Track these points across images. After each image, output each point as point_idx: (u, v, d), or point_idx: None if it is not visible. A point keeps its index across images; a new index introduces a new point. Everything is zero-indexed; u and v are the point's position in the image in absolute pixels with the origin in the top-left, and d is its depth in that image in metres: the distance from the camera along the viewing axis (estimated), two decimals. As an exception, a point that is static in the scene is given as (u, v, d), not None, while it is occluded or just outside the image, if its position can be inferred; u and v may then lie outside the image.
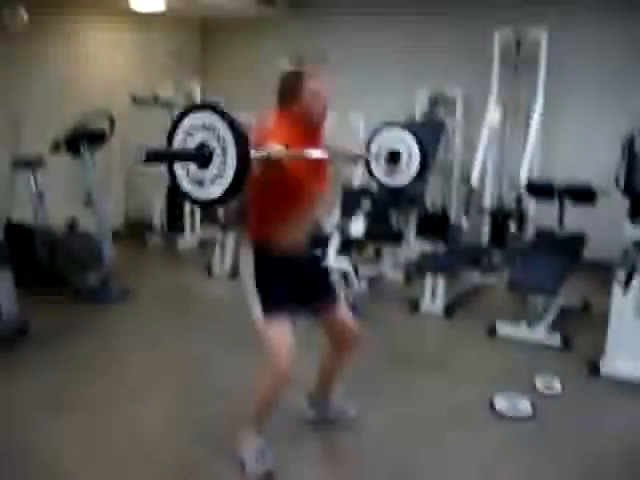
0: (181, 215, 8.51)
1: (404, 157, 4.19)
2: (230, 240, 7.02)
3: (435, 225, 7.95)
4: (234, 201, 2.98)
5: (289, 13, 9.30)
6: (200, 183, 2.81)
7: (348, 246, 5.82)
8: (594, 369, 4.63)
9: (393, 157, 4.18)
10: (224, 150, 2.73)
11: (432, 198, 8.22)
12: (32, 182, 6.59)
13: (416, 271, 6.56)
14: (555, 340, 5.19)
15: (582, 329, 5.56)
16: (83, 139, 6.20)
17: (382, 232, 6.44)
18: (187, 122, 2.86)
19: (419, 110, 8.22)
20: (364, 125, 8.07)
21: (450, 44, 8.27)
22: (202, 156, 2.77)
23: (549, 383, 4.46)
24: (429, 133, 7.69)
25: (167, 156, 2.93)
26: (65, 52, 8.34)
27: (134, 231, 8.84)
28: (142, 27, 9.22)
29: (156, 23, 9.33)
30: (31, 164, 6.57)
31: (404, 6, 8.52)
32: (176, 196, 8.46)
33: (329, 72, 3.30)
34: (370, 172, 4.04)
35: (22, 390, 4.31)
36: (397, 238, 6.74)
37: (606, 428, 4.03)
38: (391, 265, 7.16)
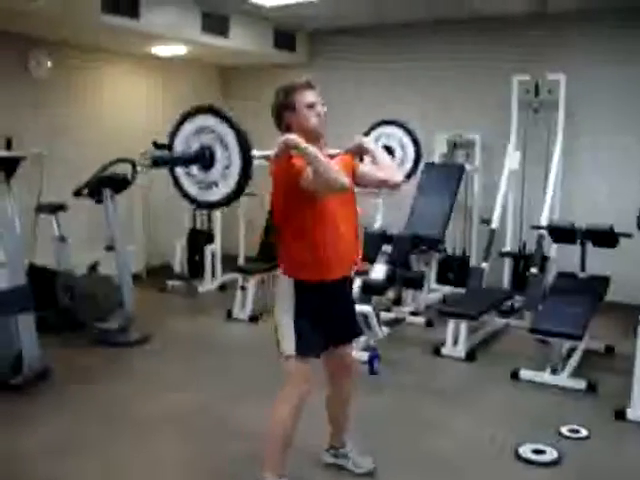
0: (201, 259, 8.54)
1: (398, 153, 4.24)
2: (251, 284, 7.02)
3: (456, 269, 7.95)
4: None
5: (308, 59, 9.43)
6: (205, 185, 2.84)
7: (369, 290, 5.80)
8: (620, 414, 4.56)
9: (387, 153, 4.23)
10: (228, 152, 2.75)
11: (452, 242, 8.21)
12: (55, 227, 6.67)
13: (438, 316, 6.52)
14: (579, 385, 5.11)
15: (606, 373, 5.48)
16: (105, 184, 6.25)
17: (403, 276, 6.41)
18: (187, 127, 2.90)
19: (438, 154, 8.24)
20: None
21: (468, 88, 8.34)
22: (204, 158, 2.80)
23: (574, 428, 4.39)
24: (448, 176, 7.76)
25: (172, 161, 2.96)
26: (87, 97, 8.47)
27: (155, 275, 8.87)
28: (163, 71, 9.35)
29: (177, 67, 9.46)
30: (54, 209, 6.65)
31: (422, 52, 8.61)
32: (197, 240, 8.55)
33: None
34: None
35: (38, 436, 4.29)
36: (418, 282, 6.71)
37: (633, 474, 3.95)
38: (412, 309, 7.14)
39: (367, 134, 4.48)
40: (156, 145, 7.94)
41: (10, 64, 7.47)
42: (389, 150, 4.37)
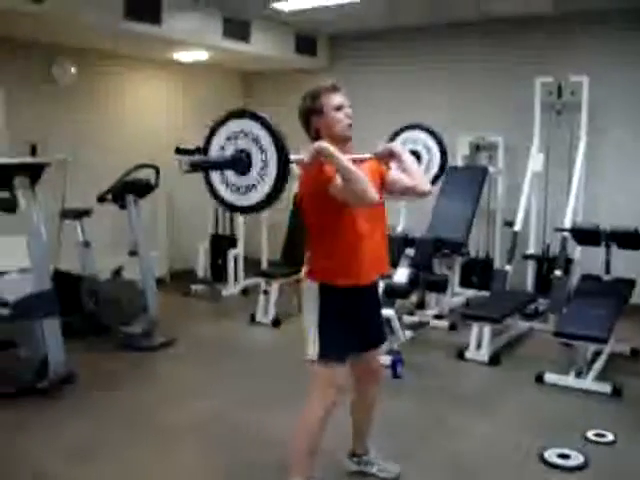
0: (224, 264, 8.56)
1: (424, 158, 4.22)
2: (274, 288, 7.04)
3: (479, 272, 7.91)
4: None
5: (329, 64, 9.44)
6: (243, 190, 2.89)
7: (392, 294, 5.79)
8: (647, 418, 4.52)
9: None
10: (264, 154, 2.78)
11: (475, 245, 8.18)
12: (79, 232, 6.72)
13: (461, 319, 6.50)
14: (605, 388, 5.07)
15: (632, 376, 5.45)
16: (129, 190, 6.30)
17: (426, 280, 6.40)
18: (223, 131, 2.92)
19: (461, 156, 8.21)
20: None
21: (491, 90, 8.31)
22: (242, 161, 2.82)
23: (600, 432, 4.35)
24: (471, 179, 7.73)
25: (211, 164, 2.99)
26: (111, 103, 8.55)
27: (178, 280, 8.91)
28: (185, 77, 9.41)
29: (199, 73, 9.51)
30: (79, 214, 6.70)
31: (443, 55, 8.59)
32: (219, 245, 8.58)
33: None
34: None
35: (63, 440, 4.32)
36: (441, 285, 6.69)
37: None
38: (435, 312, 7.12)
39: (392, 139, 4.44)
40: (179, 151, 8.00)
41: (35, 72, 7.57)
42: (416, 155, 4.35)
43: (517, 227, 7.21)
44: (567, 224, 6.75)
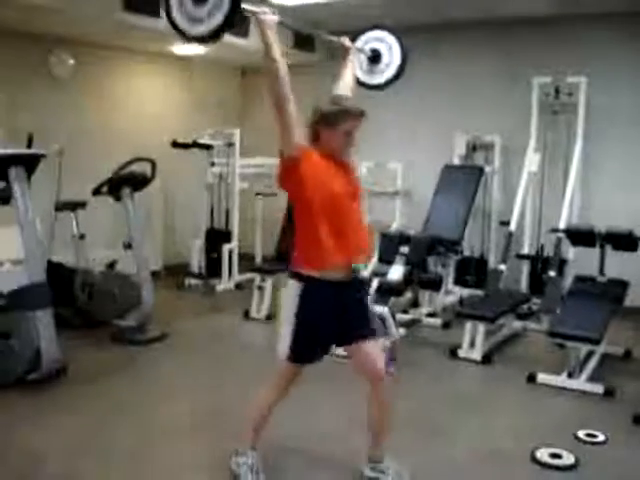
0: (219, 258, 8.55)
1: (385, 58, 4.35)
2: (268, 284, 7.03)
3: (473, 271, 7.92)
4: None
5: (328, 59, 9.41)
6: (197, 20, 3.11)
7: (386, 291, 5.79)
8: (638, 419, 4.52)
9: (375, 56, 4.34)
10: None
11: (470, 244, 8.18)
12: (74, 224, 6.71)
13: (454, 317, 6.50)
14: (597, 389, 5.08)
15: (624, 377, 5.46)
16: (125, 183, 6.28)
17: (420, 278, 6.40)
18: None
19: (457, 156, 8.22)
20: (402, 172, 8.12)
21: (489, 89, 8.31)
22: None
23: (592, 432, 4.36)
24: (467, 178, 7.74)
25: None
26: (109, 96, 8.53)
27: (173, 274, 8.91)
28: (184, 71, 9.39)
29: (198, 67, 9.50)
30: (73, 206, 6.69)
31: (442, 52, 8.58)
32: (214, 239, 8.56)
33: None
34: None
35: (55, 433, 4.30)
36: (435, 284, 6.69)
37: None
38: (429, 311, 7.13)
39: (354, 40, 4.52)
40: (176, 144, 8.00)
41: (33, 63, 7.54)
42: (376, 55, 4.49)
43: (512, 227, 7.22)
44: (562, 225, 6.76)
